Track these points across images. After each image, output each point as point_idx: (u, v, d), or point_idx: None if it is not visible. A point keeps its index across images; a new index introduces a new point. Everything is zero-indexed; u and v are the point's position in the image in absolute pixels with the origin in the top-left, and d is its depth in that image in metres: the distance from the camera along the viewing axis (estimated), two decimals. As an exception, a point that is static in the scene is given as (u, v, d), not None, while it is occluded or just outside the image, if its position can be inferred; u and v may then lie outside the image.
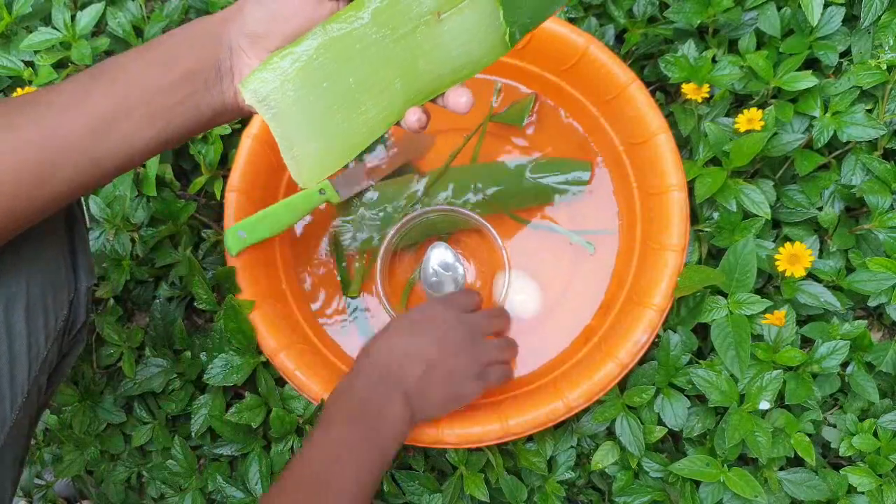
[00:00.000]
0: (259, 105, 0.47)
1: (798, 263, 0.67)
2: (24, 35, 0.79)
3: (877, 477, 0.69)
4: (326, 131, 0.49)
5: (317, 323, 0.76)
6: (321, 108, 0.48)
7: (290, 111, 0.48)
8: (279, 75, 0.46)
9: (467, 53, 0.48)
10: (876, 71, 0.72)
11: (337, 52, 0.47)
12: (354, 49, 0.47)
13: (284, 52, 0.46)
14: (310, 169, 0.50)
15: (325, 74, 0.47)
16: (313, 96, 0.47)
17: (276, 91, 0.47)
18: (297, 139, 0.49)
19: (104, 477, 0.75)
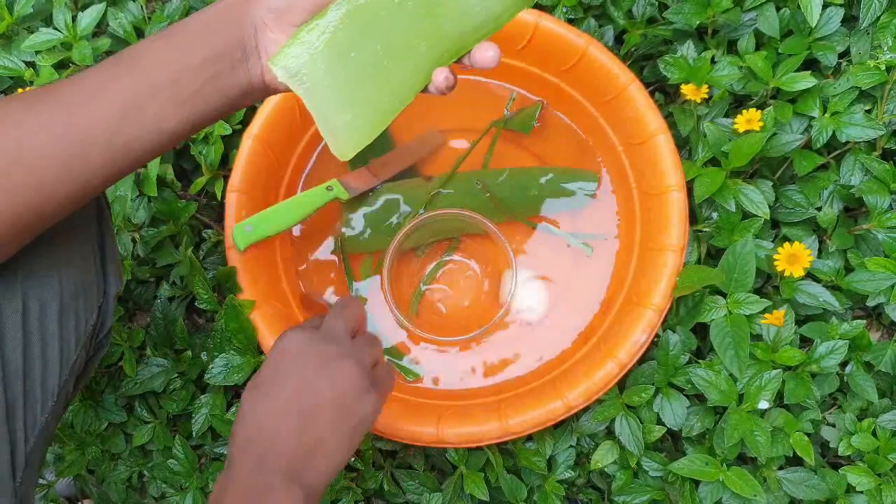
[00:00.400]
0: (291, 80, 0.47)
1: (797, 263, 0.67)
2: (26, 35, 0.79)
3: (875, 476, 0.69)
4: (358, 100, 0.49)
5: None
6: (351, 78, 0.48)
7: (321, 84, 0.48)
8: (307, 49, 0.47)
9: (488, 9, 0.49)
10: (875, 71, 0.72)
11: (362, 21, 0.47)
12: (379, 16, 0.47)
13: (311, 26, 0.46)
14: (346, 139, 0.50)
15: (352, 44, 0.47)
16: (343, 67, 0.48)
17: (306, 65, 0.47)
18: (331, 111, 0.49)
19: (105, 476, 0.76)
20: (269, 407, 0.50)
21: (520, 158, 0.80)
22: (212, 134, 0.78)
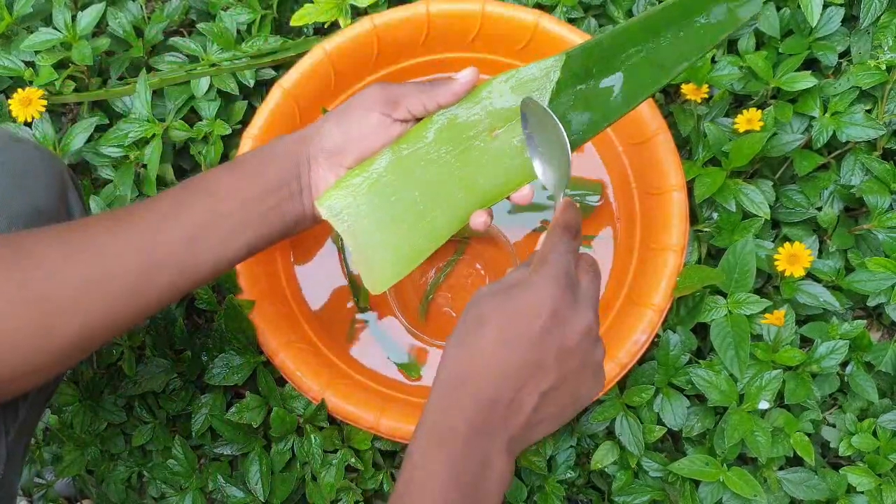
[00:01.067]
0: (333, 219, 0.52)
1: (797, 263, 0.67)
2: (25, 35, 0.79)
3: (876, 476, 0.69)
4: (395, 240, 0.53)
5: (317, 322, 0.76)
6: (390, 220, 0.53)
7: (361, 224, 0.53)
8: (351, 192, 0.51)
9: (521, 165, 0.53)
10: (875, 71, 0.72)
11: (403, 170, 0.52)
12: (419, 165, 0.52)
13: (356, 171, 0.51)
14: (380, 275, 0.54)
15: (393, 190, 0.52)
16: (383, 210, 0.52)
17: (348, 206, 0.52)
18: (369, 249, 0.53)
19: (105, 476, 0.75)
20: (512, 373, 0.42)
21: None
22: (211, 133, 0.78)
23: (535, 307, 0.42)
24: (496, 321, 0.43)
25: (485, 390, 0.42)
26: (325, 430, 0.71)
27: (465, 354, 0.43)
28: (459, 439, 0.41)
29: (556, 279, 0.43)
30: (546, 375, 0.42)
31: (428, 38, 0.76)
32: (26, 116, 0.73)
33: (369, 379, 0.73)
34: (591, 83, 0.54)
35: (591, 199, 0.78)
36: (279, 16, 0.83)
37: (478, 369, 0.42)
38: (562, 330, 0.43)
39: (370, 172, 0.52)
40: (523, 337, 0.42)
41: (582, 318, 0.43)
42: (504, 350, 0.42)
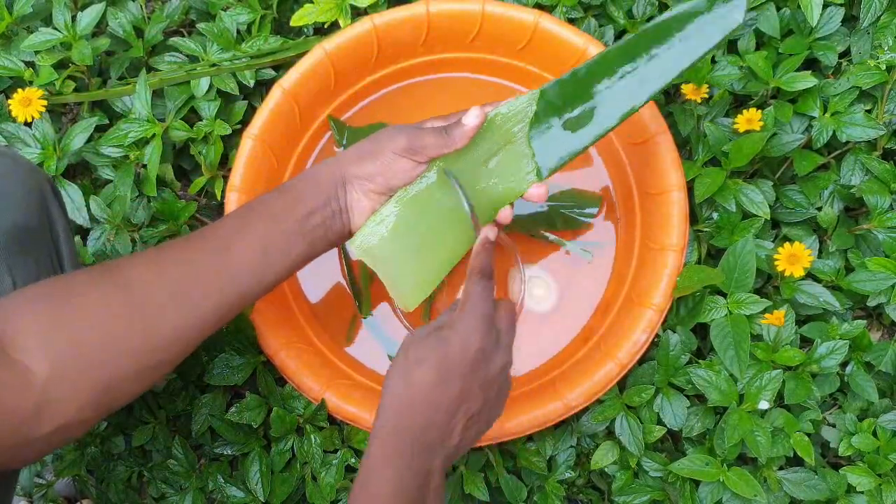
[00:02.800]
0: (365, 257, 0.61)
1: (797, 263, 0.67)
2: (25, 35, 0.79)
3: (876, 476, 0.69)
4: (418, 266, 0.63)
5: (317, 322, 0.76)
6: (411, 250, 0.62)
7: (388, 258, 0.62)
8: (376, 233, 0.61)
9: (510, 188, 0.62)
10: (875, 71, 0.72)
11: (415, 208, 0.61)
12: (429, 202, 0.61)
13: (377, 217, 0.60)
14: (411, 297, 0.63)
15: (410, 226, 0.61)
16: (403, 241, 0.61)
17: (375, 246, 0.61)
18: (397, 277, 0.63)
19: (105, 476, 0.75)
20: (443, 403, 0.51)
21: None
22: (211, 133, 0.78)
23: (463, 347, 0.51)
24: (432, 361, 0.51)
25: (425, 417, 0.50)
26: (325, 430, 0.72)
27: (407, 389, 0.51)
28: (405, 457, 0.50)
29: (478, 322, 0.52)
30: (473, 402, 0.52)
31: (428, 38, 0.76)
32: (26, 116, 0.73)
33: (369, 379, 0.73)
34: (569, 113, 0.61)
35: (589, 211, 0.78)
36: (279, 16, 0.83)
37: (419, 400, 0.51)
38: (486, 365, 0.52)
39: (389, 215, 0.61)
40: (455, 373, 0.51)
41: (501, 357, 0.54)
42: (440, 386, 0.51)
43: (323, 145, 0.80)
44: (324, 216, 0.59)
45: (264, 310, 0.70)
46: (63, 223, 0.58)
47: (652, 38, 0.59)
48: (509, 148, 0.62)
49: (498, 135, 0.61)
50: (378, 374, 0.75)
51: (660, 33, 0.59)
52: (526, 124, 0.61)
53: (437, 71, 0.80)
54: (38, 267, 0.55)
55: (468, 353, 0.51)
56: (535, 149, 0.61)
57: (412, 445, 0.50)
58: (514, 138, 0.61)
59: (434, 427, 0.51)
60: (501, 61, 0.79)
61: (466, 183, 0.61)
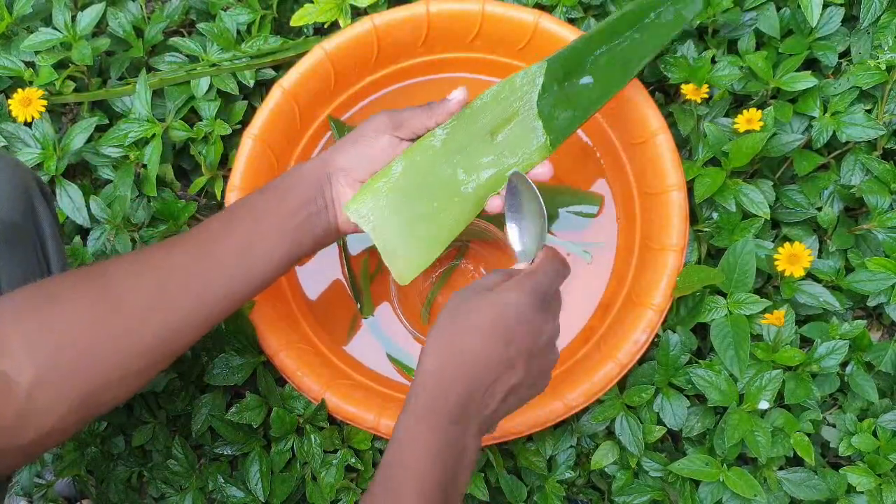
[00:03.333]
0: (361, 220, 0.59)
1: (797, 263, 0.67)
2: (25, 35, 0.79)
3: (876, 476, 0.69)
4: (416, 236, 0.60)
5: (317, 322, 0.76)
6: (410, 218, 0.60)
7: (385, 223, 0.59)
8: (374, 196, 0.59)
9: (518, 161, 0.62)
10: (875, 71, 0.72)
11: (418, 174, 0.59)
12: (431, 169, 0.60)
13: (377, 178, 0.58)
14: (406, 267, 0.61)
15: (411, 191, 0.59)
16: (403, 209, 0.59)
17: (373, 209, 0.59)
18: (394, 245, 0.60)
19: (105, 476, 0.75)
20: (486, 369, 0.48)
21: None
22: (211, 133, 0.78)
23: (518, 312, 0.49)
24: (485, 320, 0.48)
25: (467, 382, 0.48)
26: (325, 430, 0.72)
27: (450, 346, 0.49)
28: (443, 425, 0.47)
29: (537, 291, 0.50)
30: (516, 372, 0.49)
31: (428, 38, 0.76)
32: (26, 116, 0.73)
33: (369, 379, 0.73)
34: (570, 83, 0.64)
35: (589, 211, 0.78)
36: (279, 16, 0.83)
37: (462, 360, 0.48)
38: (537, 336, 0.50)
39: (389, 178, 0.59)
40: (506, 337, 0.48)
41: (551, 329, 0.51)
42: (486, 345, 0.48)
43: (323, 145, 0.80)
44: (309, 212, 0.58)
45: (264, 310, 0.70)
46: (50, 220, 0.58)
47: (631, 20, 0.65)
48: (517, 121, 0.62)
49: (504, 107, 0.62)
50: (378, 374, 0.75)
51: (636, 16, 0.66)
52: (533, 96, 0.62)
53: (437, 71, 0.80)
54: (24, 263, 0.55)
55: (522, 318, 0.49)
56: (542, 120, 0.62)
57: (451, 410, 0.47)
58: (520, 111, 0.62)
59: (477, 389, 0.48)
60: (501, 61, 0.79)
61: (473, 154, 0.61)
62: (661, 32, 0.66)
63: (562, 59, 0.63)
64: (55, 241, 0.59)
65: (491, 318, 0.49)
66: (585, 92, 0.64)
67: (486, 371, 0.48)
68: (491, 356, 0.48)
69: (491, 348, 0.48)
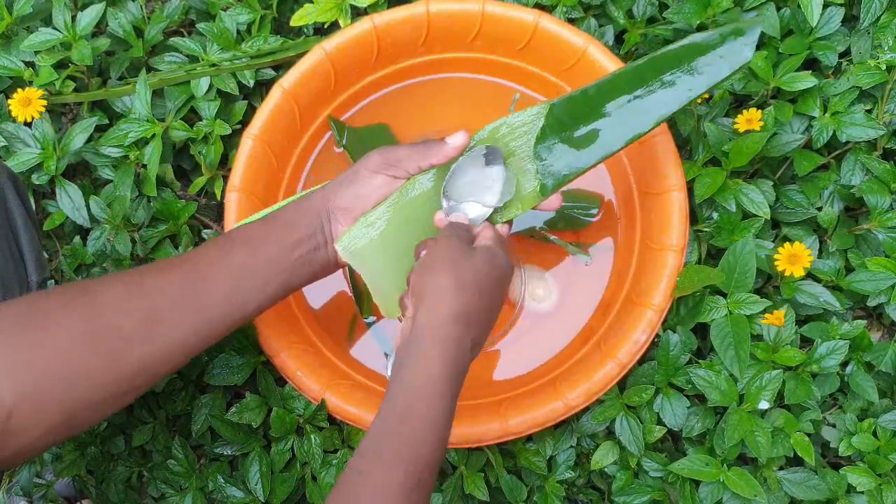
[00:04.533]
0: (351, 258, 0.60)
1: (797, 263, 0.67)
2: (25, 35, 0.79)
3: (876, 476, 0.69)
4: (403, 273, 0.61)
5: (318, 323, 0.76)
6: (397, 256, 0.61)
7: (374, 261, 0.60)
8: (365, 235, 0.60)
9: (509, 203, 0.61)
10: (875, 71, 0.72)
11: (407, 214, 0.60)
12: (417, 209, 0.60)
13: (368, 217, 0.59)
14: (393, 304, 0.62)
15: (398, 231, 0.60)
16: (391, 248, 0.60)
17: (364, 247, 0.60)
18: (382, 282, 0.62)
19: (105, 476, 0.75)
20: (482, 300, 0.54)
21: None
22: (211, 133, 0.78)
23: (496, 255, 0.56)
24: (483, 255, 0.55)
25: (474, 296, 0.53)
26: (325, 430, 0.72)
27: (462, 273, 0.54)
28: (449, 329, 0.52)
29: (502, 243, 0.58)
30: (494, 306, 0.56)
31: (428, 38, 0.76)
32: (26, 116, 0.73)
33: (369, 379, 0.73)
34: (574, 131, 0.61)
35: (589, 211, 0.78)
36: (279, 16, 0.83)
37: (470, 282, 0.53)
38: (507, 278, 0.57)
39: (380, 217, 0.60)
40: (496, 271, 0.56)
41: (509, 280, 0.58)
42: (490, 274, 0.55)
43: (323, 145, 0.80)
44: (309, 248, 0.59)
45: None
46: (22, 212, 0.58)
47: (663, 66, 0.60)
48: (511, 161, 0.61)
49: (499, 146, 0.60)
50: (378, 375, 0.75)
51: (671, 62, 0.60)
52: (531, 139, 0.60)
53: (437, 71, 0.80)
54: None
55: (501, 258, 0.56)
56: (538, 164, 0.61)
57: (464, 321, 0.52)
58: (516, 152, 0.61)
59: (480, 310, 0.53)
60: (501, 61, 0.79)
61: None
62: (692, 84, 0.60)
63: (568, 103, 0.60)
64: (28, 233, 0.58)
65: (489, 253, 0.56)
66: (590, 141, 0.60)
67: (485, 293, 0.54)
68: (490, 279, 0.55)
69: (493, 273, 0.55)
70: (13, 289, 0.55)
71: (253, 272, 0.56)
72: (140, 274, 0.53)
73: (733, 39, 0.59)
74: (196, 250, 0.56)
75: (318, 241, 0.59)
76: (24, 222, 0.58)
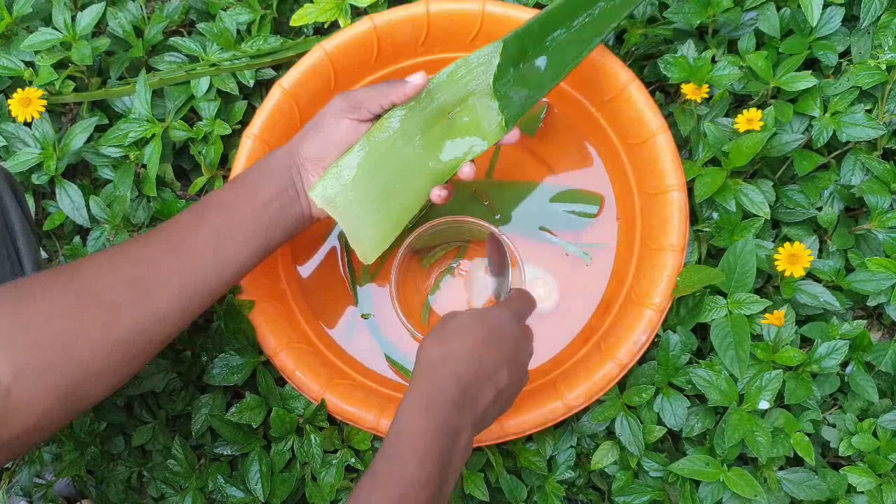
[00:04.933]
0: (326, 205, 0.60)
1: (797, 263, 0.67)
2: (25, 35, 0.79)
3: (876, 476, 0.69)
4: (377, 217, 0.63)
5: (317, 322, 0.76)
6: (372, 198, 0.62)
7: (350, 207, 0.61)
8: (338, 181, 0.60)
9: (473, 141, 0.64)
10: (875, 71, 0.72)
11: (378, 156, 0.61)
12: (390, 150, 0.61)
13: (339, 163, 0.60)
14: (370, 248, 0.64)
15: (371, 174, 0.61)
16: (364, 190, 0.61)
17: (338, 193, 0.60)
18: (358, 227, 0.63)
19: (104, 476, 0.75)
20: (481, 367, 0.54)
21: (523, 160, 0.80)
22: (211, 133, 0.78)
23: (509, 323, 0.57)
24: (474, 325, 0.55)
25: (463, 375, 0.53)
26: (325, 430, 0.71)
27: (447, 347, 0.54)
28: (442, 410, 0.51)
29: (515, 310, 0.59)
30: (503, 376, 0.55)
31: (428, 37, 0.76)
32: (26, 116, 0.73)
33: (369, 379, 0.73)
34: (526, 64, 0.65)
35: (589, 211, 0.78)
36: (279, 16, 0.83)
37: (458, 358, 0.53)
38: (521, 348, 0.58)
39: (350, 161, 0.60)
40: (495, 341, 0.55)
41: (527, 346, 0.59)
42: (483, 342, 0.54)
43: (323, 145, 0.80)
44: (281, 203, 0.59)
45: (264, 310, 0.70)
46: (20, 217, 0.59)
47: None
48: (472, 100, 0.63)
49: (460, 86, 0.63)
50: (378, 374, 0.75)
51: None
52: (489, 76, 0.63)
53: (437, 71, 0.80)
54: None
55: (507, 328, 0.56)
56: (499, 101, 0.63)
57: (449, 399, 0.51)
58: (476, 90, 0.63)
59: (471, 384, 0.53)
60: (501, 61, 0.79)
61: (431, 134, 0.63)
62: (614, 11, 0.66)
63: (518, 38, 0.64)
64: (26, 238, 0.59)
65: (482, 326, 0.55)
66: (540, 72, 0.65)
67: (480, 369, 0.53)
68: (483, 356, 0.54)
69: (484, 349, 0.54)
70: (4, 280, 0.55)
71: (230, 234, 0.56)
72: (121, 247, 0.54)
73: None
74: (173, 219, 0.57)
75: (290, 196, 0.60)
76: (21, 225, 0.59)
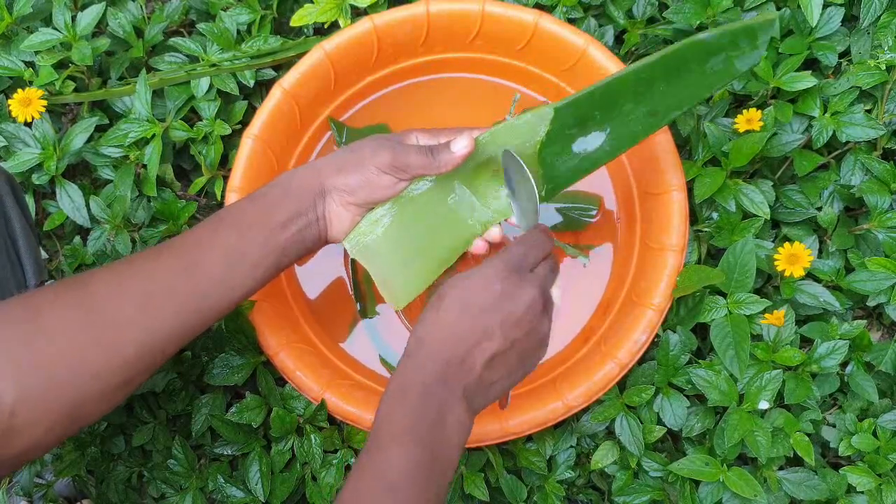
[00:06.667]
0: (359, 255, 0.62)
1: (797, 263, 0.67)
2: (25, 35, 0.79)
3: (876, 476, 0.69)
4: (409, 268, 0.63)
5: (317, 323, 0.76)
6: (404, 252, 0.63)
7: (382, 258, 0.62)
8: (371, 232, 0.61)
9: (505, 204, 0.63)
10: (875, 71, 0.72)
11: (412, 212, 0.62)
12: (425, 207, 0.62)
13: (375, 215, 0.61)
14: (401, 296, 0.64)
15: (405, 228, 0.62)
16: (398, 244, 0.62)
17: (371, 243, 0.62)
18: (389, 276, 0.63)
19: (105, 476, 0.75)
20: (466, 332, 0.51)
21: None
22: (211, 134, 0.78)
23: (484, 285, 0.52)
24: (453, 294, 0.52)
25: (440, 350, 0.50)
26: (325, 430, 0.72)
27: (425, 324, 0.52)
28: (417, 391, 0.49)
29: (506, 262, 0.53)
30: (493, 340, 0.51)
31: (428, 38, 0.76)
32: (26, 116, 0.73)
33: (369, 379, 0.73)
34: (581, 134, 0.60)
35: (589, 211, 0.78)
36: (279, 16, 0.83)
37: (434, 333, 0.51)
38: (508, 303, 0.51)
39: (387, 214, 0.61)
40: (474, 306, 0.51)
41: (526, 294, 0.52)
42: (457, 316, 0.51)
43: (323, 145, 0.80)
44: (299, 226, 0.58)
45: (264, 310, 0.70)
46: (19, 217, 0.58)
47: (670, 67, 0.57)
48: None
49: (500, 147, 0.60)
50: (378, 375, 0.75)
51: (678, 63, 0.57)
52: (535, 141, 0.60)
53: (437, 71, 0.80)
54: None
55: (488, 290, 0.51)
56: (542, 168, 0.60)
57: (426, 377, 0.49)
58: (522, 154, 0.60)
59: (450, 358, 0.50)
60: (501, 61, 0.79)
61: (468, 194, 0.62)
62: (702, 83, 0.58)
63: (575, 105, 0.58)
64: (26, 239, 0.59)
65: (460, 291, 0.52)
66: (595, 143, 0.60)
67: (458, 339, 0.50)
68: (462, 325, 0.51)
69: (461, 318, 0.51)
70: (11, 293, 0.55)
71: (243, 254, 0.55)
72: (131, 261, 0.53)
73: (745, 40, 0.57)
74: (186, 233, 0.55)
75: (308, 219, 0.58)
76: (21, 226, 0.59)
